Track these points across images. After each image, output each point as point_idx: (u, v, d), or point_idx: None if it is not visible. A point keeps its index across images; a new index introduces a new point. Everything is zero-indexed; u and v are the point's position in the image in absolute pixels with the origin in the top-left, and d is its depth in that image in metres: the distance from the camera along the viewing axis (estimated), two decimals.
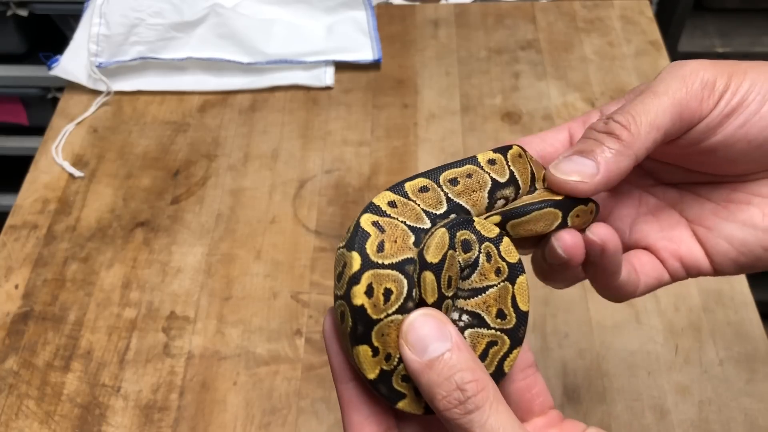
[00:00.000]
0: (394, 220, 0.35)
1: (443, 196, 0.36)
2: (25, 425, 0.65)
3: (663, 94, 0.37)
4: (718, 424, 0.64)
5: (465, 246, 0.35)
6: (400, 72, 0.96)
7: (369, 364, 0.33)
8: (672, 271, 0.42)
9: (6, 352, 0.70)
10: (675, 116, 0.36)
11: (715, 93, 0.37)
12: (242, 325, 0.71)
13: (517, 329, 0.36)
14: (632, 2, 1.04)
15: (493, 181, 0.37)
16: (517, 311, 0.37)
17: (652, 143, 0.37)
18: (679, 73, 0.37)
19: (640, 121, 0.36)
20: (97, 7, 0.93)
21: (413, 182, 0.36)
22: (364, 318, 0.33)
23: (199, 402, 0.66)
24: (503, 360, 0.36)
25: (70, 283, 0.75)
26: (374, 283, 0.33)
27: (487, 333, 0.36)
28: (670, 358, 0.68)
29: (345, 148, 0.87)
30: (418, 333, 0.33)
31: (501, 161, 0.38)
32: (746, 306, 0.71)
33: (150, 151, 0.87)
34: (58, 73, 0.92)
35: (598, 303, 0.72)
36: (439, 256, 0.34)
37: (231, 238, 0.78)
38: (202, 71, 0.95)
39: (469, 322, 0.36)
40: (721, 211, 0.41)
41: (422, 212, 0.35)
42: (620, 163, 0.37)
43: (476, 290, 0.36)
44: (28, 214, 0.81)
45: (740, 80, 0.37)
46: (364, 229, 0.34)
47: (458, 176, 0.37)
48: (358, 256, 0.33)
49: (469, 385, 0.31)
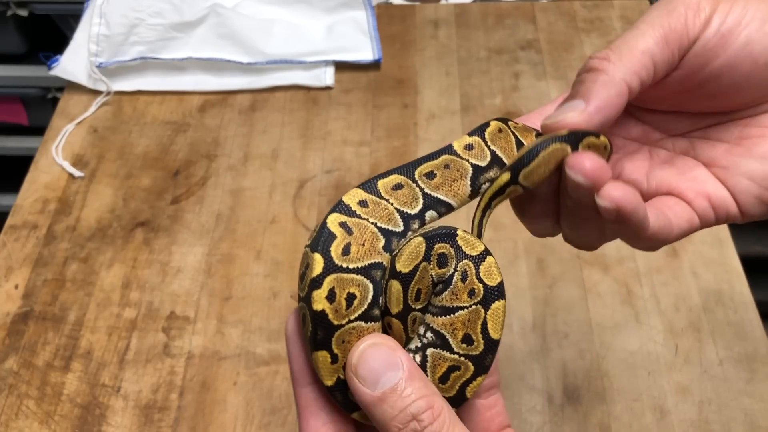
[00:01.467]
0: (363, 221, 0.33)
1: (419, 192, 0.34)
2: (25, 425, 0.65)
3: (643, 23, 0.36)
4: (718, 424, 0.64)
5: (441, 260, 0.33)
6: (400, 72, 0.96)
7: (327, 371, 0.32)
8: (701, 213, 0.39)
9: (6, 352, 0.70)
10: (660, 39, 0.35)
11: (700, 13, 0.35)
12: (242, 325, 0.71)
13: (483, 357, 0.34)
14: (632, 2, 1.04)
15: (474, 167, 0.36)
16: (487, 338, 0.33)
17: (641, 68, 0.35)
18: (660, 4, 0.36)
19: (620, 51, 0.35)
20: (97, 7, 0.93)
21: (386, 179, 0.34)
22: (324, 323, 0.31)
23: (199, 402, 0.66)
24: (466, 385, 0.34)
25: (70, 283, 0.75)
26: (337, 287, 0.31)
27: (449, 357, 0.33)
28: (670, 358, 0.68)
29: (345, 148, 0.87)
30: (369, 365, 0.31)
31: (479, 144, 0.36)
32: (746, 306, 0.71)
33: (150, 151, 0.87)
34: (58, 73, 0.92)
35: (598, 303, 0.72)
36: (410, 267, 0.33)
37: (231, 238, 0.78)
38: (202, 71, 0.95)
39: (432, 340, 0.34)
40: (736, 149, 0.39)
41: (395, 212, 0.34)
42: (609, 90, 0.35)
43: (445, 309, 0.33)
44: (28, 214, 0.81)
45: (730, 4, 0.35)
46: (330, 229, 0.32)
47: (434, 168, 0.35)
48: (321, 258, 0.31)
49: (425, 415, 0.30)
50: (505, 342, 0.69)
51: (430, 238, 0.33)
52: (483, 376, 0.34)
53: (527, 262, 0.75)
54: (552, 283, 0.73)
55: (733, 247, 0.76)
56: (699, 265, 0.74)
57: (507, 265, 0.75)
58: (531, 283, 0.74)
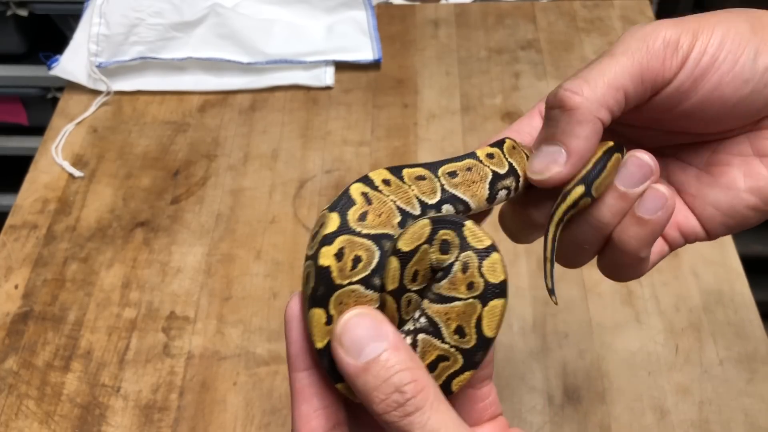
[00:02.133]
0: (384, 196, 0.34)
1: (438, 187, 0.35)
2: (24, 425, 0.65)
3: (621, 54, 0.35)
4: (719, 424, 0.64)
5: (443, 246, 0.33)
6: (400, 72, 0.96)
7: (320, 332, 0.32)
8: (671, 241, 0.41)
9: (6, 352, 0.70)
10: (635, 77, 0.35)
11: (678, 53, 0.35)
12: (242, 325, 0.71)
13: (474, 352, 0.33)
14: (632, 2, 1.04)
15: (494, 173, 0.37)
16: (480, 335, 0.33)
17: (614, 103, 0.35)
18: (639, 34, 0.36)
19: (595, 84, 0.35)
20: (97, 7, 0.93)
21: (411, 169, 0.35)
22: (327, 280, 0.32)
23: (199, 402, 0.66)
24: (452, 378, 0.34)
25: (70, 283, 0.75)
26: (347, 248, 0.32)
27: (440, 346, 0.33)
28: (670, 358, 0.68)
29: (345, 148, 0.87)
30: (353, 334, 0.31)
31: (499, 155, 0.38)
32: (746, 306, 0.71)
33: (150, 151, 0.87)
34: (58, 73, 0.92)
35: (598, 303, 0.72)
36: (411, 246, 0.33)
37: (231, 238, 0.78)
38: (202, 71, 0.95)
39: (425, 326, 0.34)
40: (704, 176, 0.40)
41: (414, 198, 0.34)
42: (583, 133, 0.35)
43: (442, 297, 0.33)
44: (28, 214, 0.81)
45: (708, 37, 0.35)
46: (351, 196, 0.33)
47: (457, 169, 0.36)
48: (338, 218, 0.32)
49: (408, 387, 0.30)
50: (505, 342, 0.69)
51: (436, 222, 0.34)
52: (471, 372, 0.34)
53: (527, 262, 0.75)
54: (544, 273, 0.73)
55: (734, 247, 0.76)
56: (699, 265, 0.74)
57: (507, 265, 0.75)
58: (531, 283, 0.74)
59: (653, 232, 0.37)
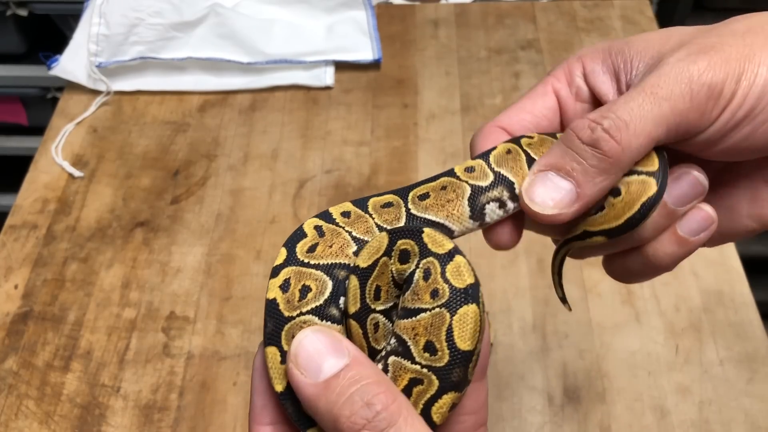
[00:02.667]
0: (339, 228, 0.33)
1: (404, 213, 0.34)
2: (24, 425, 0.65)
3: (664, 99, 0.31)
4: (719, 424, 0.64)
5: (402, 256, 0.31)
6: (400, 72, 0.96)
7: (277, 372, 0.30)
8: None
9: (6, 352, 0.70)
10: (671, 127, 0.32)
11: (720, 102, 0.32)
12: (242, 325, 0.71)
13: (448, 370, 0.29)
14: (632, 2, 1.04)
15: (473, 188, 0.34)
16: (452, 348, 0.29)
17: (644, 150, 0.32)
18: (685, 75, 0.32)
19: (634, 130, 0.31)
20: (97, 7, 0.93)
21: (379, 198, 0.34)
22: (274, 313, 0.31)
23: (198, 402, 0.66)
24: (430, 404, 0.29)
25: (70, 283, 0.75)
26: (293, 278, 0.31)
27: (411, 367, 0.29)
28: (670, 358, 0.68)
29: (345, 148, 0.87)
30: (309, 351, 0.28)
31: (481, 166, 0.35)
32: (746, 306, 0.71)
33: (150, 151, 0.87)
34: (57, 73, 0.92)
35: (598, 303, 0.72)
36: (370, 261, 0.31)
37: (231, 238, 0.78)
38: (202, 71, 0.95)
39: (394, 347, 0.30)
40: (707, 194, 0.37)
41: (374, 227, 0.33)
42: (603, 183, 0.32)
43: (407, 311, 0.30)
44: (27, 214, 0.81)
45: (751, 81, 0.32)
46: (303, 230, 0.33)
47: (430, 190, 0.34)
48: (285, 251, 0.32)
49: (377, 398, 0.26)
50: (504, 342, 0.69)
51: (393, 233, 0.32)
52: (452, 395, 0.29)
53: (527, 262, 0.75)
54: (552, 283, 0.73)
55: (734, 247, 0.76)
56: (699, 265, 0.74)
57: (507, 265, 0.75)
58: (531, 283, 0.74)
59: (689, 252, 0.35)
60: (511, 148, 0.36)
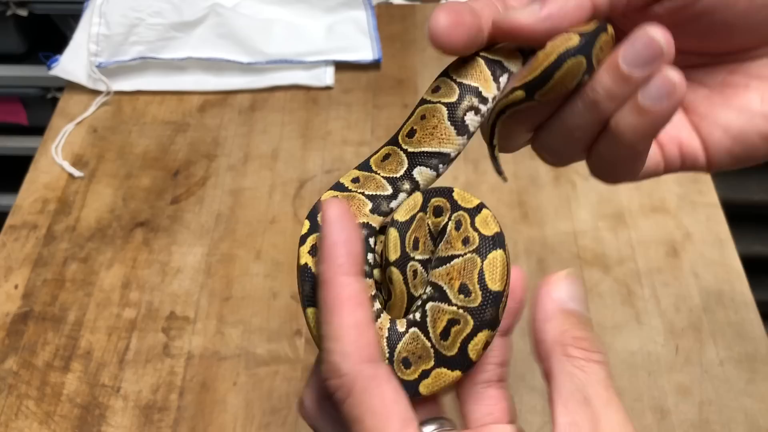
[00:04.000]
0: (353, 193, 0.36)
1: (404, 156, 0.36)
2: (24, 425, 0.65)
3: None
4: (719, 424, 0.64)
5: (437, 211, 0.35)
6: (400, 72, 0.96)
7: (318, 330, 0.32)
8: (668, 158, 0.38)
9: (6, 352, 0.70)
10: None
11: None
12: (242, 326, 0.71)
13: (482, 309, 0.32)
14: None
15: (446, 105, 0.35)
16: (485, 289, 0.32)
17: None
18: None
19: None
20: (97, 6, 0.93)
21: (377, 154, 0.37)
22: (309, 276, 0.33)
23: (198, 402, 0.66)
24: (467, 342, 0.32)
25: (70, 284, 0.75)
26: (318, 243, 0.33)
27: (448, 309, 0.32)
28: (670, 358, 0.68)
29: (345, 148, 0.87)
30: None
31: (445, 82, 0.35)
32: (746, 306, 0.71)
33: (150, 151, 0.87)
34: (57, 73, 0.92)
35: (599, 303, 0.72)
36: (407, 216, 0.35)
37: (231, 238, 0.78)
38: (202, 71, 0.95)
39: (431, 294, 0.33)
40: (716, 96, 0.37)
41: (383, 180, 0.36)
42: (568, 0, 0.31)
43: (441, 260, 0.33)
44: (27, 214, 0.81)
45: None
46: (321, 202, 0.35)
47: (413, 125, 0.36)
48: (308, 222, 0.34)
49: None
50: None
51: (427, 193, 0.35)
52: (486, 332, 0.32)
53: (527, 262, 0.75)
54: None
55: (734, 247, 0.76)
56: (699, 265, 0.74)
57: None
58: (531, 283, 0.73)
59: (654, 124, 0.32)
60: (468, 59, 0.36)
